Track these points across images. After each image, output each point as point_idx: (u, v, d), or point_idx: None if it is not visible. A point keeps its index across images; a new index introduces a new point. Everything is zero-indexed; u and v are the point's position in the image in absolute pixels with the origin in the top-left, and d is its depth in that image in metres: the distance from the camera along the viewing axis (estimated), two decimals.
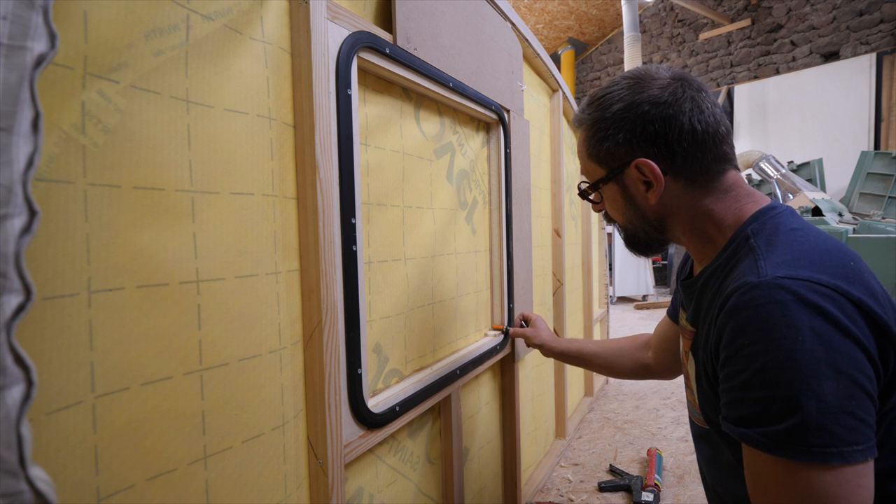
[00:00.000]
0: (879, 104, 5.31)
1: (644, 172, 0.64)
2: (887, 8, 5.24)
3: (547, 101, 1.69)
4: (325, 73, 0.62)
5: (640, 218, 0.69)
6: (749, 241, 0.60)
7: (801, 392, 0.48)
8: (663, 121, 0.62)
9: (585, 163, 0.71)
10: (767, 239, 0.58)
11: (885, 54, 5.26)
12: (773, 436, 0.49)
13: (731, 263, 0.61)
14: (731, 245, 0.63)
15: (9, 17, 0.28)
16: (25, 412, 0.29)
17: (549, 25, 7.52)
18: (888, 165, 4.64)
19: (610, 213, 0.74)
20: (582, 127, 0.70)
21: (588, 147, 0.69)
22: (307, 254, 0.60)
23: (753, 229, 0.61)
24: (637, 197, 0.67)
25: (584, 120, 0.69)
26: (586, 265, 2.23)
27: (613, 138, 0.65)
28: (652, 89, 0.63)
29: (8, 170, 0.28)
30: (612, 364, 1.04)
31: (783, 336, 0.49)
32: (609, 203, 0.72)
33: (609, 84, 0.68)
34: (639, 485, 1.51)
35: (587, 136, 0.68)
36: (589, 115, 0.68)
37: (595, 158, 0.68)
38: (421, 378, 0.86)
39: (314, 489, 0.61)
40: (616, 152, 0.65)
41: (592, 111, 0.68)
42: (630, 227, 0.71)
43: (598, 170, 0.69)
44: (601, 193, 0.72)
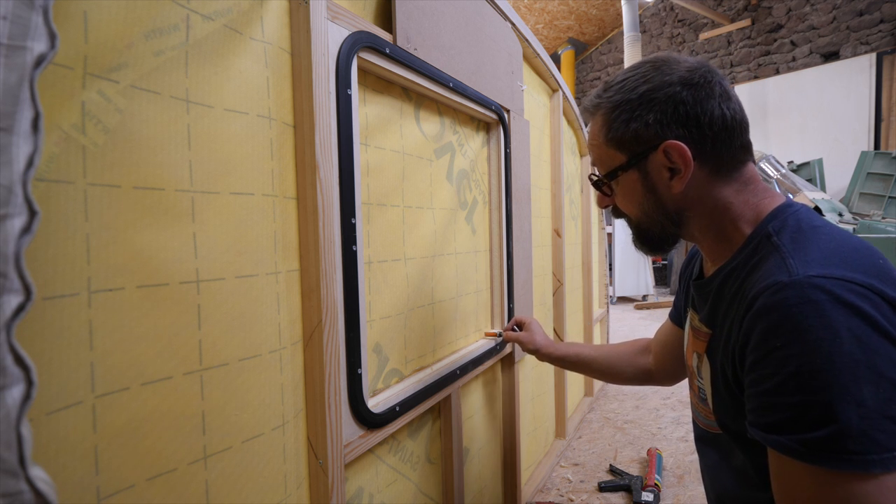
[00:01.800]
0: (879, 104, 5.31)
1: (671, 157, 0.60)
2: (887, 8, 5.24)
3: (547, 101, 1.69)
4: (325, 73, 0.62)
5: (658, 209, 0.64)
6: (771, 239, 0.57)
7: (839, 397, 0.45)
8: (695, 102, 0.59)
9: (602, 150, 0.66)
10: (792, 237, 0.56)
11: (885, 54, 5.26)
12: (809, 443, 0.47)
13: (751, 262, 0.58)
14: (750, 243, 0.60)
15: (9, 17, 0.28)
16: (25, 412, 0.29)
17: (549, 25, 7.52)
18: (888, 165, 4.64)
19: (622, 206, 0.69)
20: (599, 111, 0.65)
21: (608, 131, 0.64)
22: (307, 254, 0.60)
23: (775, 227, 0.58)
24: (659, 185, 0.63)
25: (603, 104, 0.64)
26: (586, 265, 2.23)
27: (642, 119, 0.60)
28: (681, 71, 0.60)
29: (8, 170, 0.28)
30: (611, 369, 1.00)
31: (820, 338, 0.46)
32: (624, 194, 0.67)
33: (629, 69, 0.64)
34: (639, 485, 1.51)
35: (607, 119, 0.64)
36: (609, 97, 0.64)
37: (616, 143, 0.64)
38: (421, 378, 0.86)
39: (314, 489, 0.61)
40: (644, 135, 0.61)
41: (614, 94, 0.63)
42: (645, 220, 0.67)
43: (617, 156, 0.64)
44: (614, 184, 0.67)
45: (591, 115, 0.68)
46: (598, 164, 0.68)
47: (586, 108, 0.69)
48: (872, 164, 4.74)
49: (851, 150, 5.41)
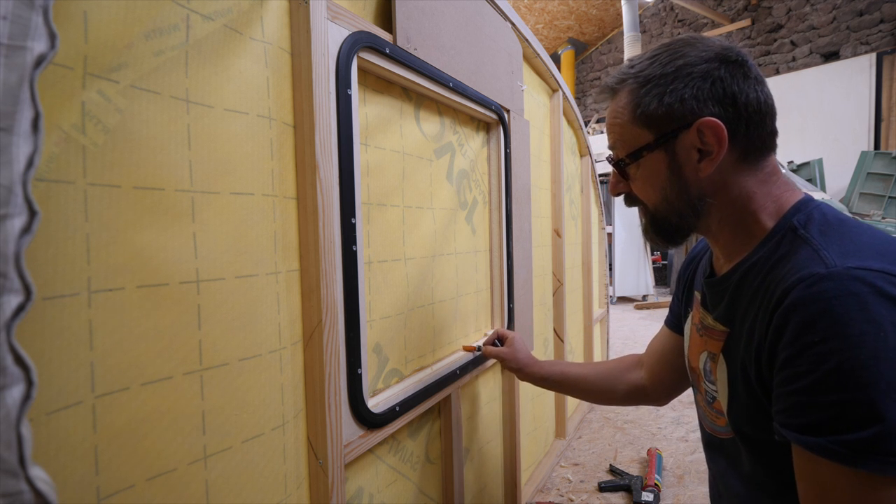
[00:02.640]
0: (879, 104, 5.31)
1: (704, 137, 0.56)
2: (887, 8, 5.24)
3: (547, 101, 1.69)
4: (325, 73, 0.62)
5: (680, 195, 0.60)
6: (798, 232, 0.55)
7: (885, 395, 0.42)
8: (732, 80, 0.56)
9: (626, 128, 0.61)
10: (820, 229, 0.54)
11: (885, 54, 5.26)
12: (851, 445, 0.44)
13: (776, 256, 0.55)
14: (773, 237, 0.57)
15: (9, 17, 0.28)
16: (25, 412, 0.29)
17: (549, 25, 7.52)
18: (888, 165, 4.64)
19: (640, 191, 0.64)
20: (625, 87, 0.61)
21: (636, 107, 0.59)
22: (307, 254, 0.60)
23: (800, 220, 0.56)
24: (686, 168, 0.59)
25: (630, 79, 0.60)
26: (586, 265, 2.23)
27: (677, 94, 0.56)
28: (716, 48, 0.57)
29: (8, 170, 0.28)
30: (601, 388, 0.93)
31: (863, 332, 0.44)
32: (645, 177, 0.62)
33: (658, 47, 0.61)
34: (639, 485, 1.51)
35: (636, 95, 0.59)
36: (639, 72, 0.59)
37: (644, 121, 0.59)
38: (421, 378, 0.86)
39: (314, 489, 0.61)
40: (678, 111, 0.57)
41: (644, 68, 0.59)
42: (664, 207, 0.62)
43: (643, 135, 0.60)
44: (634, 167, 0.63)
45: (612, 93, 0.63)
46: (620, 143, 0.63)
47: (607, 86, 0.64)
48: (872, 164, 4.74)
49: (851, 150, 5.41)
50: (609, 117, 0.64)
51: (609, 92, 0.64)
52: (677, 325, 0.84)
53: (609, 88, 0.64)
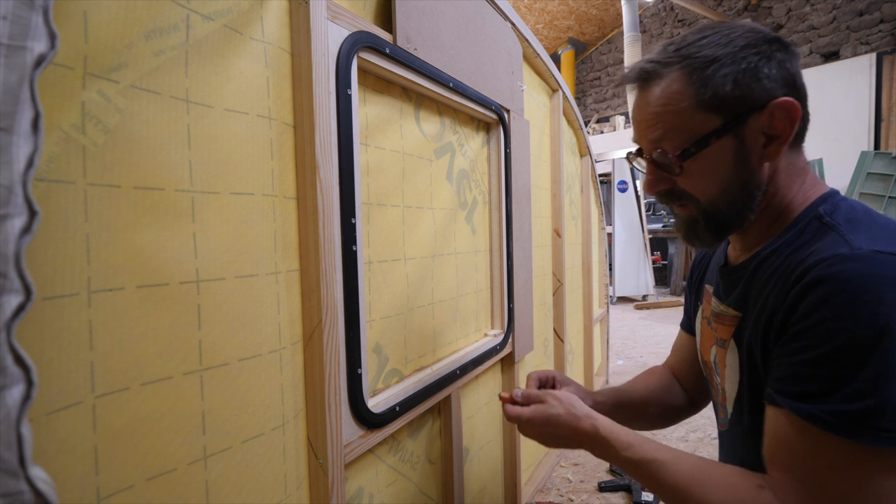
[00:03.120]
0: (879, 104, 5.31)
1: (776, 120, 0.53)
2: (887, 8, 5.24)
3: (547, 101, 1.69)
4: (325, 73, 0.62)
5: (743, 185, 0.56)
6: (823, 220, 0.54)
7: (886, 373, 0.44)
8: (790, 60, 0.54)
9: (685, 115, 0.55)
10: (847, 218, 0.53)
11: (885, 54, 5.26)
12: (843, 415, 0.45)
13: (798, 242, 0.55)
14: (797, 224, 0.57)
15: (9, 17, 0.28)
16: (25, 412, 0.29)
17: (549, 25, 7.52)
18: (888, 165, 4.64)
19: (691, 185, 0.58)
20: (672, 70, 0.55)
21: (702, 89, 0.54)
22: (307, 254, 0.60)
23: (826, 209, 0.55)
24: (752, 155, 0.55)
25: (678, 62, 0.55)
26: (586, 265, 2.23)
27: (752, 73, 0.52)
28: (763, 30, 0.55)
29: (8, 170, 0.28)
30: (666, 401, 0.84)
31: (876, 314, 0.44)
32: (704, 168, 0.56)
33: (696, 31, 0.57)
34: (639, 485, 1.51)
35: (699, 76, 0.54)
36: (691, 54, 0.54)
37: (713, 104, 0.54)
38: (421, 378, 0.86)
39: (314, 489, 0.61)
40: (755, 91, 0.53)
41: (696, 50, 0.54)
42: (722, 200, 0.57)
43: (709, 120, 0.54)
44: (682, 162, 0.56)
45: (649, 80, 0.57)
46: (676, 133, 0.56)
47: (644, 70, 0.58)
48: (872, 164, 4.74)
49: (851, 150, 5.41)
50: (652, 106, 0.57)
51: (644, 78, 0.58)
52: (690, 325, 0.83)
53: (645, 74, 0.57)
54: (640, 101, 0.59)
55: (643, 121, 0.59)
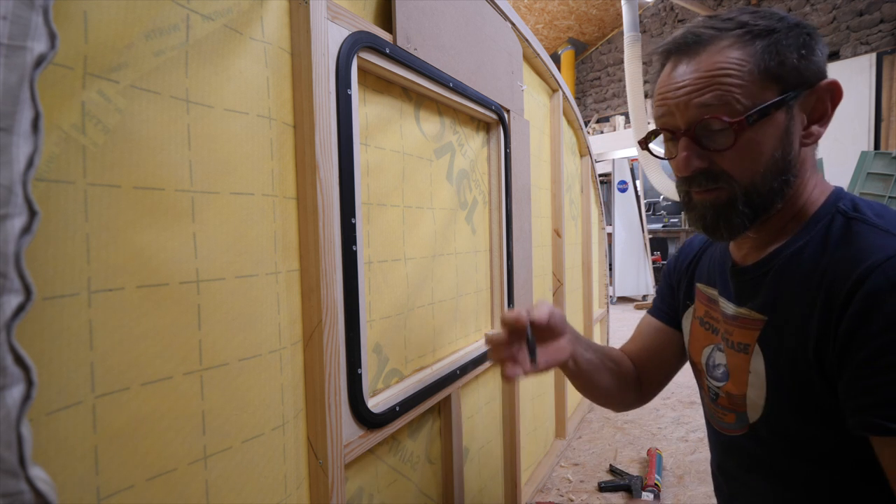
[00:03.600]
0: (879, 104, 5.31)
1: (823, 100, 0.53)
2: (887, 8, 5.24)
3: (547, 101, 1.69)
4: (325, 73, 0.62)
5: (782, 169, 0.54)
6: (849, 215, 0.53)
7: None
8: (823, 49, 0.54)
9: (747, 81, 0.52)
10: (875, 213, 0.52)
11: (885, 54, 5.26)
12: None
13: (829, 239, 0.53)
14: (817, 221, 0.55)
15: (9, 17, 0.28)
16: (25, 412, 0.29)
17: (549, 25, 7.52)
18: (888, 165, 4.63)
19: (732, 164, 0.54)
20: (726, 37, 0.53)
21: (767, 56, 0.51)
22: (307, 254, 0.60)
23: (846, 204, 0.54)
24: (795, 136, 0.54)
25: (733, 30, 0.52)
26: (586, 265, 2.23)
27: (810, 50, 0.52)
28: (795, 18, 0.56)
29: (8, 170, 0.28)
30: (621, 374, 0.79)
31: None
32: (752, 144, 0.53)
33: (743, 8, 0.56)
34: (639, 485, 1.51)
35: (762, 43, 0.51)
36: (746, 23, 0.52)
37: (776, 73, 0.51)
38: (421, 378, 0.86)
39: (314, 489, 0.61)
40: (811, 67, 0.52)
41: (752, 20, 0.52)
42: (762, 181, 0.54)
43: (769, 90, 0.52)
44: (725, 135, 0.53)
45: (699, 46, 0.54)
46: (734, 100, 0.52)
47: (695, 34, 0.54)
48: (872, 164, 4.74)
49: (851, 150, 5.40)
50: (705, 70, 0.53)
51: (695, 42, 0.54)
52: (672, 318, 0.80)
53: (696, 37, 0.54)
54: (682, 69, 0.55)
55: (687, 86, 0.54)
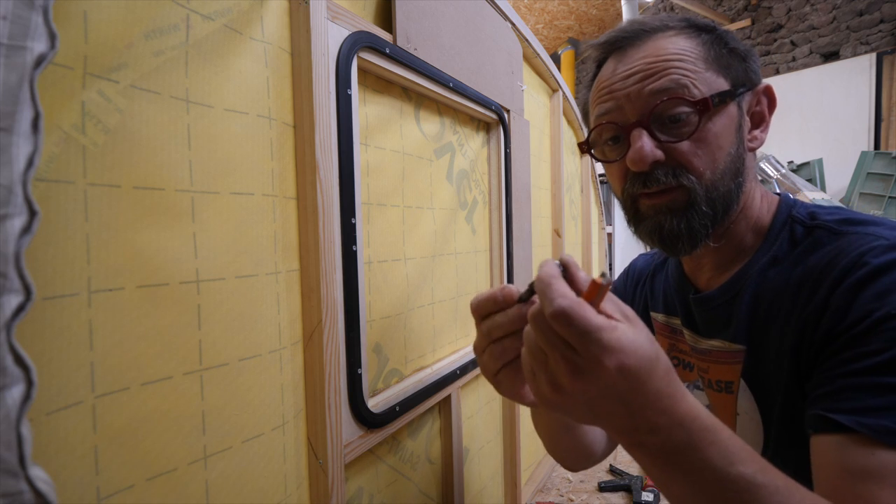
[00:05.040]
0: (879, 104, 5.31)
1: (762, 104, 0.53)
2: (887, 8, 5.24)
3: (547, 101, 1.69)
4: (325, 73, 0.62)
5: (738, 163, 0.51)
6: (808, 224, 0.51)
7: None
8: None
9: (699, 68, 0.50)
10: (836, 218, 0.50)
11: (885, 54, 5.25)
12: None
13: (795, 252, 0.50)
14: (777, 233, 0.52)
15: (9, 17, 0.28)
16: (25, 412, 0.29)
17: (549, 25, 7.52)
18: (888, 165, 4.64)
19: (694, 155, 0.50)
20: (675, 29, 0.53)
21: (713, 47, 0.51)
22: (307, 254, 0.60)
23: (800, 213, 0.52)
24: (745, 134, 0.53)
25: (676, 26, 0.53)
26: (586, 265, 2.23)
27: (750, 53, 0.53)
28: None
29: (8, 170, 0.28)
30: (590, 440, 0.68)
31: None
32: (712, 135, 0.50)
33: None
34: (639, 485, 1.51)
35: (707, 36, 0.52)
36: (685, 18, 0.54)
37: (724, 65, 0.51)
38: (421, 378, 0.86)
39: (314, 489, 0.61)
40: (749, 67, 0.52)
41: (695, 18, 0.54)
42: (721, 179, 0.51)
43: (718, 81, 0.51)
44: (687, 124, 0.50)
45: (644, 37, 0.52)
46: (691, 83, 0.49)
47: (641, 24, 0.53)
48: (872, 164, 4.74)
49: (851, 150, 5.40)
50: (659, 56, 0.50)
51: (642, 32, 0.52)
52: None
53: (646, 27, 0.52)
54: (629, 59, 0.51)
55: (638, 73, 0.50)
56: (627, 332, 0.34)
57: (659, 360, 0.35)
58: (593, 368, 0.33)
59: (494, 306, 0.44)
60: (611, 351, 0.32)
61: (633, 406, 0.35)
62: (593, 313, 0.33)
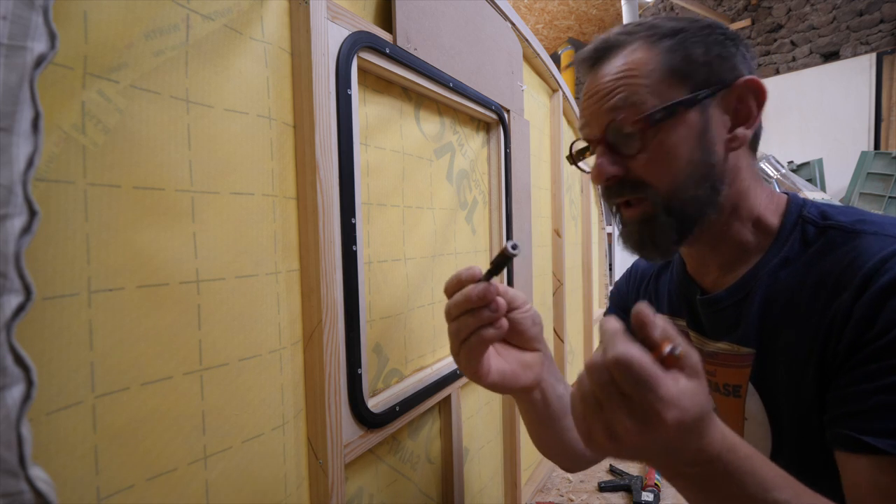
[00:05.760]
0: (879, 104, 5.31)
1: (745, 100, 0.49)
2: (887, 8, 5.24)
3: (547, 101, 1.69)
4: (325, 73, 0.62)
5: (703, 174, 0.49)
6: (820, 224, 0.49)
7: None
8: (749, 51, 0.51)
9: (652, 80, 0.49)
10: (850, 217, 0.49)
11: (885, 54, 5.25)
12: None
13: (808, 253, 0.48)
14: (786, 234, 0.51)
15: (9, 17, 0.28)
16: (25, 412, 0.29)
17: (549, 25, 7.52)
18: (888, 165, 4.64)
19: (647, 171, 0.50)
20: (635, 39, 0.51)
21: (669, 57, 0.49)
22: (307, 254, 0.60)
23: (812, 212, 0.50)
24: (716, 138, 0.49)
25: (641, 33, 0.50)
26: (586, 265, 2.23)
27: (719, 47, 0.49)
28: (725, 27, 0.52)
29: (8, 170, 0.28)
30: None
31: None
32: (665, 148, 0.49)
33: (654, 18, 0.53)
34: (639, 485, 1.51)
35: (668, 43, 0.49)
36: (654, 25, 0.50)
37: (680, 71, 0.49)
38: (421, 378, 0.86)
39: (314, 489, 0.61)
40: (722, 66, 0.49)
41: (659, 23, 0.50)
42: (683, 189, 0.50)
43: (676, 89, 0.49)
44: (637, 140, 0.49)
45: (609, 53, 0.52)
46: (639, 99, 0.49)
47: (604, 41, 0.52)
48: (872, 164, 4.74)
49: (851, 150, 5.40)
50: (613, 75, 0.51)
51: (604, 49, 0.52)
52: None
53: (605, 44, 0.52)
54: (594, 78, 0.52)
55: (598, 93, 0.51)
56: (688, 386, 0.34)
57: (711, 409, 0.36)
58: (651, 420, 0.33)
59: (458, 286, 0.48)
60: (670, 405, 0.32)
61: (680, 451, 0.36)
62: (653, 363, 0.33)
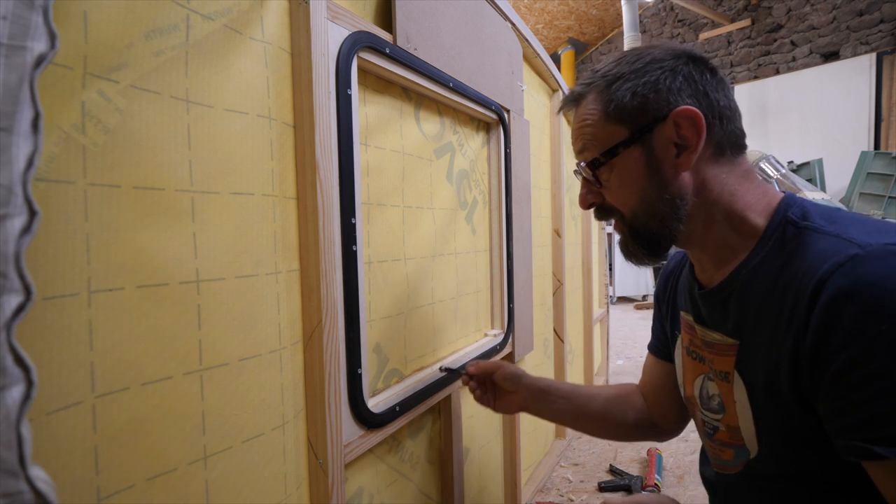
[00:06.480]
0: (879, 104, 5.31)
1: (682, 129, 0.54)
2: (887, 8, 5.24)
3: (547, 101, 1.69)
4: (325, 73, 0.62)
5: (661, 196, 0.56)
6: (799, 225, 0.51)
7: None
8: (702, 75, 0.55)
9: (598, 127, 0.58)
10: (825, 218, 0.50)
11: (885, 54, 5.25)
12: None
13: (784, 253, 0.51)
14: (770, 234, 0.54)
15: (9, 17, 0.28)
16: (25, 412, 0.29)
17: (549, 25, 7.52)
18: (888, 165, 4.64)
19: (614, 198, 0.60)
20: (591, 91, 0.59)
21: (609, 103, 0.57)
22: (307, 254, 0.60)
23: (795, 213, 0.53)
24: (665, 164, 0.55)
25: (597, 82, 0.58)
26: (586, 265, 2.23)
27: (650, 85, 0.55)
28: (678, 48, 0.57)
29: (8, 170, 0.28)
30: (613, 411, 0.82)
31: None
32: (621, 179, 0.58)
33: (618, 55, 0.60)
34: (639, 485, 1.52)
35: (606, 93, 0.57)
36: (605, 73, 0.58)
37: (618, 116, 0.56)
38: (421, 378, 0.86)
39: (314, 489, 0.61)
40: (653, 102, 0.54)
41: (610, 69, 0.58)
42: (643, 211, 0.58)
43: (618, 131, 0.57)
44: (606, 172, 0.58)
45: (577, 102, 0.61)
46: (591, 145, 0.59)
47: (573, 93, 0.62)
48: (872, 164, 4.74)
49: (851, 150, 5.40)
50: (576, 124, 0.61)
51: (574, 100, 0.62)
52: (665, 351, 0.78)
53: (574, 96, 0.62)
54: (572, 123, 0.63)
55: (572, 137, 0.63)
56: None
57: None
58: None
59: None
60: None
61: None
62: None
